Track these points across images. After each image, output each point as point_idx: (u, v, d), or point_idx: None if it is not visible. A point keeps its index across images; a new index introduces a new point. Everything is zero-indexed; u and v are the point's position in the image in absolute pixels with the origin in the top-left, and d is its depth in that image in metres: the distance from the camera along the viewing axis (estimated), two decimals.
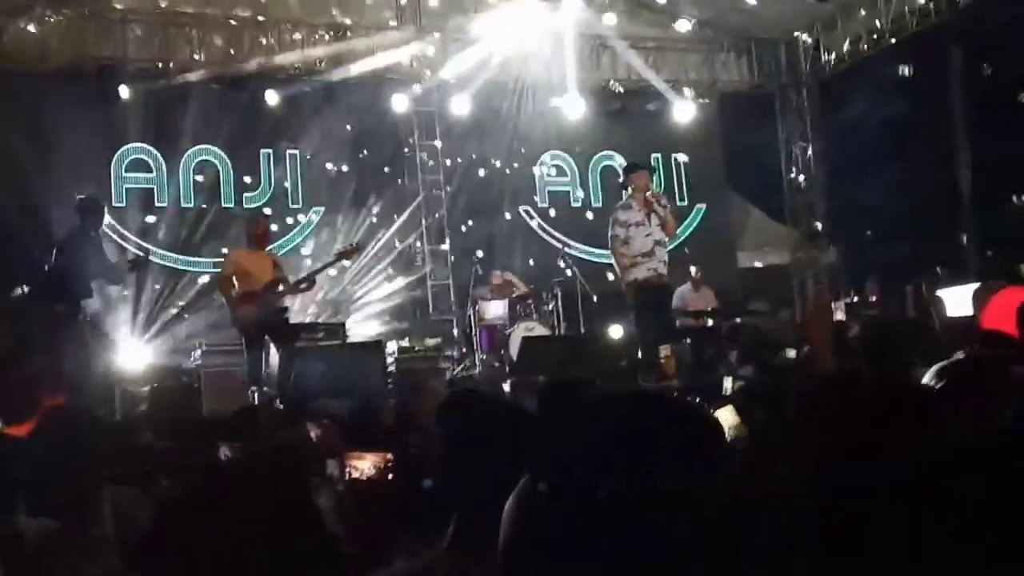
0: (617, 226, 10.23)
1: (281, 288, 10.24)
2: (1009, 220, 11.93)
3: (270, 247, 11.10)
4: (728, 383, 8.29)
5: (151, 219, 14.18)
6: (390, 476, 3.13)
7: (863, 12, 15.68)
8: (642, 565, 1.15)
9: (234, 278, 10.16)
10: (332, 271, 13.16)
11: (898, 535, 0.98)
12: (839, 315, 13.82)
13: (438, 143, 15.78)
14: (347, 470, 3.11)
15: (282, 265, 10.59)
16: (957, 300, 13.89)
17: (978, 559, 0.95)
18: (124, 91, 13.72)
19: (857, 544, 0.99)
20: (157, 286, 13.89)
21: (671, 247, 10.87)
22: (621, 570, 1.15)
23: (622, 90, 16.50)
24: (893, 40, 15.38)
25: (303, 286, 10.77)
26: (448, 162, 15.82)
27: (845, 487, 1.02)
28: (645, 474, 1.20)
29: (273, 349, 10.20)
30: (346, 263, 13.30)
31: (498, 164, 16.00)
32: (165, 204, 14.34)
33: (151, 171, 14.37)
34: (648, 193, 10.27)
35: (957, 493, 0.97)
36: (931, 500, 0.97)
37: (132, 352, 12.87)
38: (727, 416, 4.38)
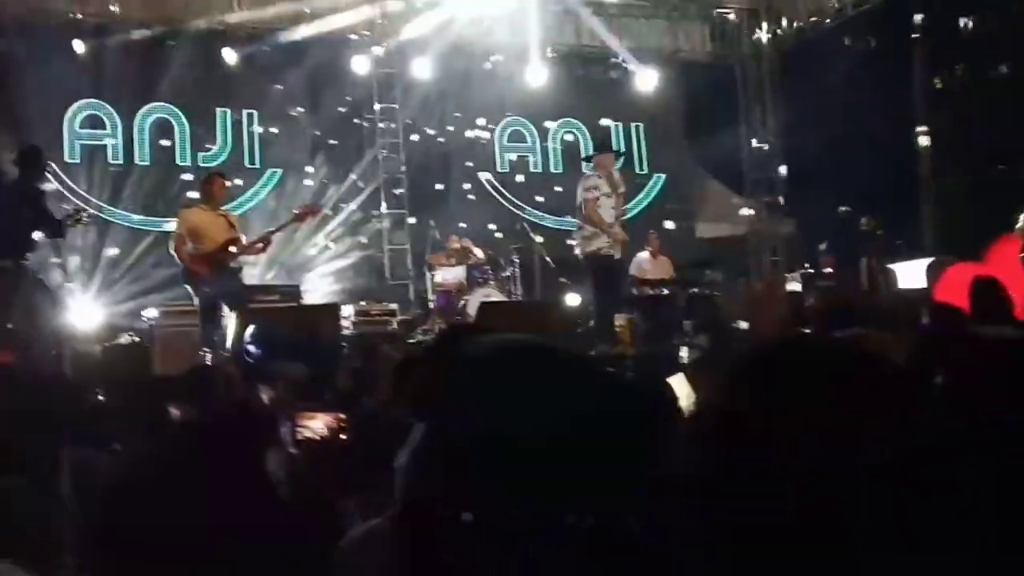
0: (592, 190, 10.23)
1: (235, 248, 10.11)
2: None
3: (226, 206, 10.97)
4: (684, 352, 8.33)
5: (105, 176, 14.00)
6: (343, 436, 3.10)
7: None
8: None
9: (188, 237, 10.02)
10: (288, 231, 13.08)
11: (878, 523, 0.95)
12: (795, 286, 13.93)
13: (398, 106, 15.66)
14: (298, 430, 3.07)
15: (238, 225, 10.44)
16: (911, 274, 14.05)
17: (969, 548, 0.93)
18: (79, 46, 13.50)
19: (835, 531, 0.97)
20: (111, 245, 13.74)
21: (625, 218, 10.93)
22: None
23: (585, 56, 16.44)
24: (855, 11, 15.42)
25: (259, 246, 10.63)
26: (408, 125, 15.71)
27: (819, 469, 0.98)
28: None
29: (227, 310, 10.08)
30: (303, 224, 13.24)
31: (458, 128, 15.92)
32: (120, 161, 14.16)
33: (105, 128, 14.17)
34: (612, 178, 10.31)
35: (947, 479, 0.94)
36: (917, 486, 0.95)
37: (85, 311, 12.72)
38: (679, 384, 4.37)
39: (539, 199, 16.31)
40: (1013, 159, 13.85)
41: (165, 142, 14.41)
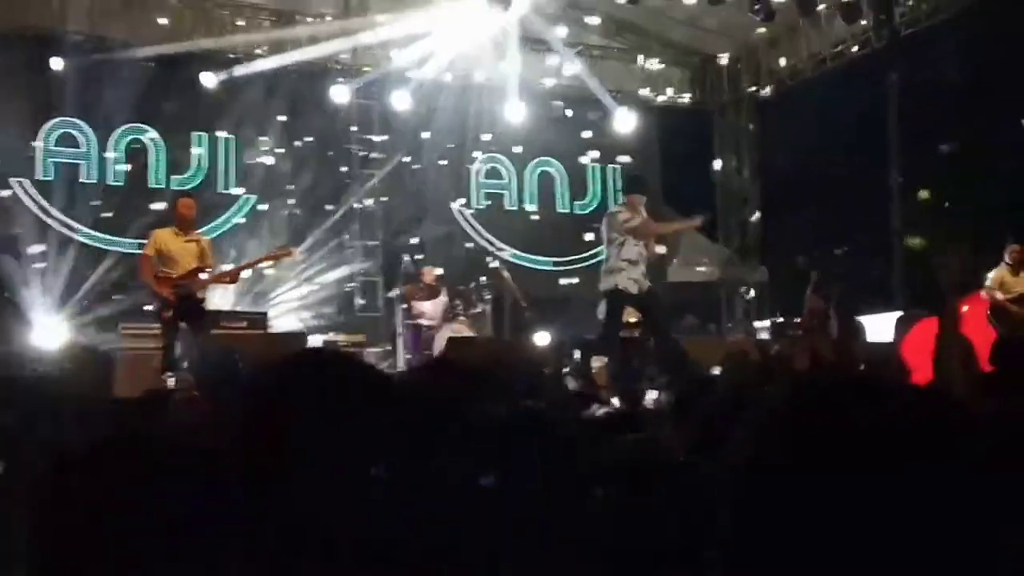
0: (615, 229, 10.11)
1: (203, 276, 9.99)
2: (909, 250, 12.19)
3: (200, 230, 10.86)
4: (650, 395, 8.28)
5: (77, 195, 13.90)
6: None
7: (805, 35, 15.87)
8: None
9: (156, 258, 9.92)
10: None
11: None
12: (764, 335, 13.97)
13: (375, 136, 15.65)
14: None
15: (209, 251, 10.28)
16: (881, 327, 14.08)
17: None
18: (57, 62, 13.42)
19: None
20: (80, 264, 13.60)
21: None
22: None
23: (564, 96, 16.50)
24: (833, 64, 15.58)
25: (226, 279, 10.54)
26: (384, 156, 15.69)
27: None
28: None
29: (191, 335, 9.94)
30: (276, 263, 13.15)
31: (435, 161, 15.93)
32: (92, 180, 14.07)
33: (79, 146, 14.08)
34: (642, 216, 10.20)
35: None
36: None
37: (47, 331, 12.57)
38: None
39: (513, 235, 16.31)
40: (980, 213, 13.98)
41: (139, 163, 14.32)
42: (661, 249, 10.58)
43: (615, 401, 8.85)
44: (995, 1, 13.26)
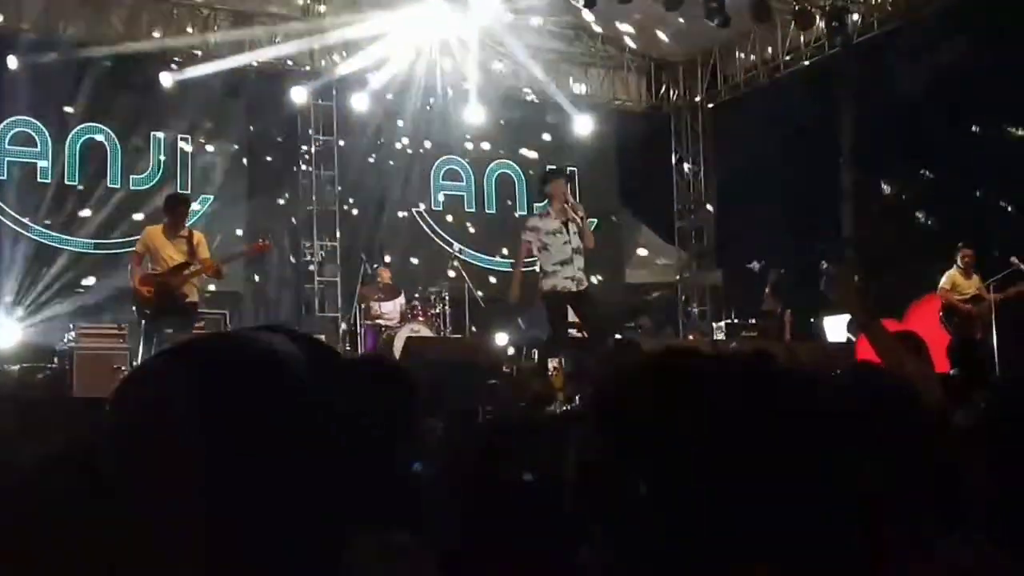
0: (529, 232, 10.09)
1: (187, 272, 9.86)
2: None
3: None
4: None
5: (33, 195, 13.77)
6: None
7: (760, 41, 16.05)
8: None
9: (146, 256, 9.87)
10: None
11: None
12: (719, 335, 14.13)
13: (334, 138, 15.64)
14: None
15: (202, 245, 10.06)
16: (838, 328, 14.26)
17: None
18: (12, 61, 13.30)
19: None
20: (34, 263, 13.49)
21: None
22: None
23: (522, 99, 16.57)
24: (787, 70, 15.77)
25: (210, 272, 10.33)
26: (343, 157, 15.69)
27: None
28: None
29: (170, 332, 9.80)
30: (253, 257, 13.11)
31: (393, 163, 15.94)
32: (48, 180, 13.94)
33: (35, 145, 13.95)
34: (566, 204, 10.11)
35: None
36: None
37: (3, 330, 12.48)
38: None
39: (472, 237, 16.36)
40: (935, 218, 14.23)
41: (96, 163, 14.21)
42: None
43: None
44: (947, 10, 13.51)
